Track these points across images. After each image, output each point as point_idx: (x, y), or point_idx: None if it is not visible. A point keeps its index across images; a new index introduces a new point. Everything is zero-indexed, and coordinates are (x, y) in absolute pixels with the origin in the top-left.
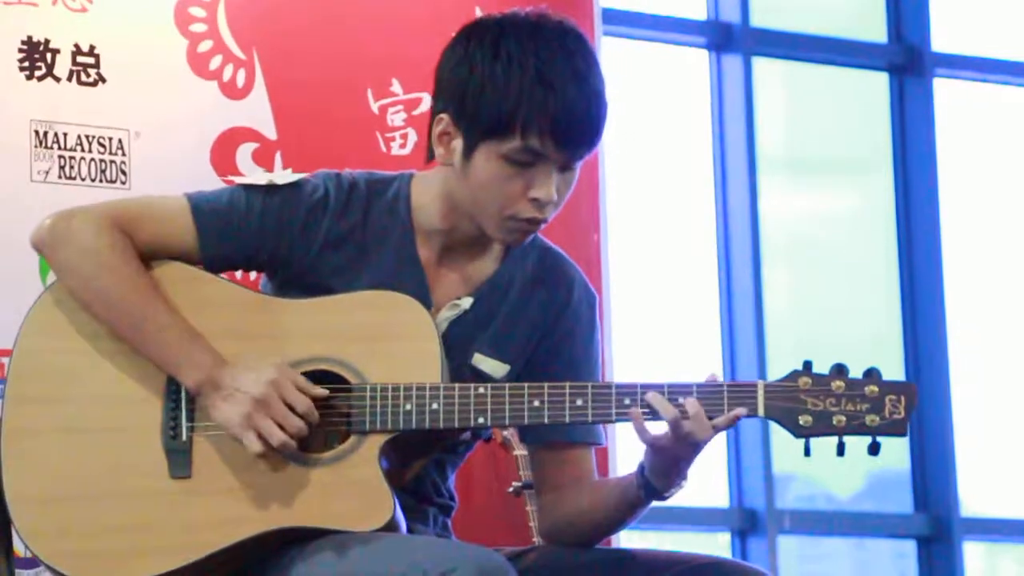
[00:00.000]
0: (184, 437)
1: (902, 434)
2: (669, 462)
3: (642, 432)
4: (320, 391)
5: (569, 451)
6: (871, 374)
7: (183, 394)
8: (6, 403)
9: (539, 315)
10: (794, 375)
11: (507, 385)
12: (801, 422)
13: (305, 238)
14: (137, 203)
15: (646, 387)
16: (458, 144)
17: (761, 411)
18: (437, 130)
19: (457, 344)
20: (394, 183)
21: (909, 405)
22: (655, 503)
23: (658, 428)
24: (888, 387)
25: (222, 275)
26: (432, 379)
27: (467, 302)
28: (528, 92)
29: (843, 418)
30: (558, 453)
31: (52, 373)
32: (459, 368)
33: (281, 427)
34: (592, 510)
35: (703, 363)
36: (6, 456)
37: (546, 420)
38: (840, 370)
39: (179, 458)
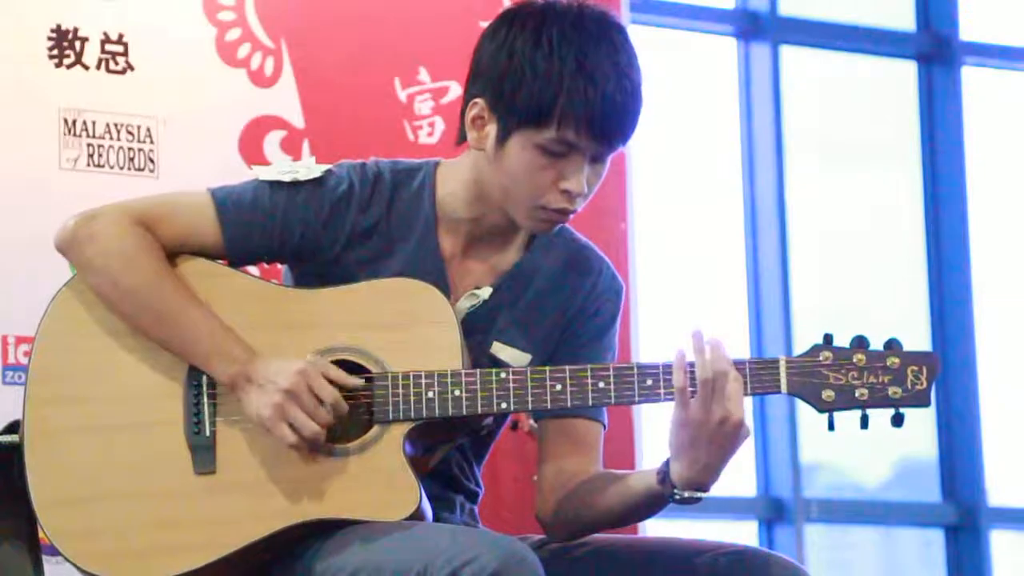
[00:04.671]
0: (208, 432)
1: (925, 404)
2: (694, 434)
3: (680, 385)
4: (355, 381)
5: (572, 422)
6: (892, 345)
7: (205, 388)
8: (28, 405)
9: (565, 305)
10: (815, 349)
11: (529, 370)
12: (824, 397)
13: (330, 233)
14: (160, 201)
15: (669, 367)
16: (492, 130)
17: (784, 387)
18: (471, 114)
19: (476, 333)
20: (420, 172)
21: (931, 375)
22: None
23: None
24: (909, 358)
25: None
26: (453, 365)
27: (486, 292)
28: (568, 83)
29: (866, 391)
30: (566, 425)
31: (72, 373)
32: (478, 357)
33: (312, 418)
34: (591, 496)
35: (730, 352)
36: (30, 460)
37: (569, 404)
38: (861, 342)
39: (203, 454)
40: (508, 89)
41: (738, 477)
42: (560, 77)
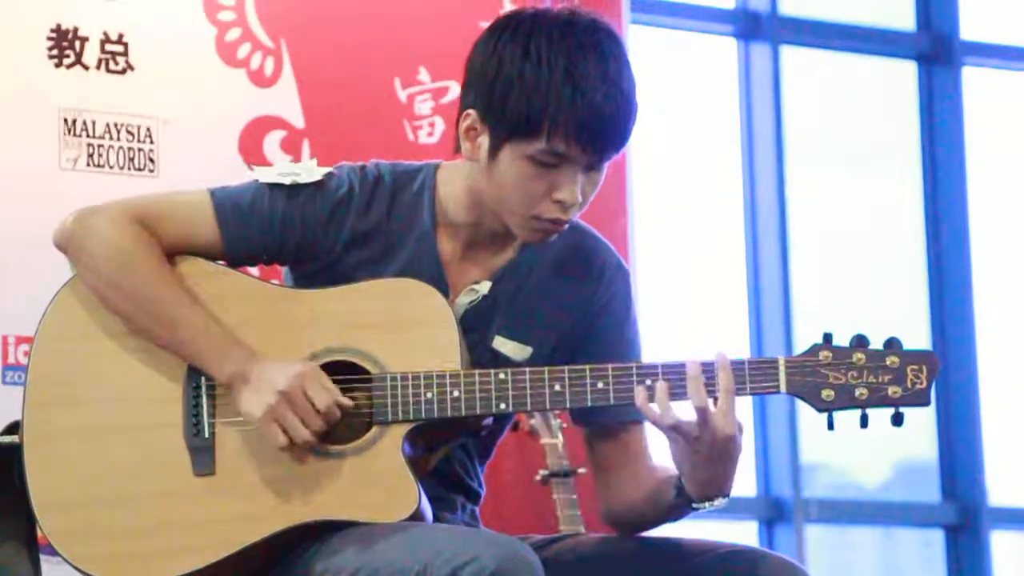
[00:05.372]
0: (207, 434)
1: (925, 404)
2: (690, 457)
3: (652, 419)
4: (346, 401)
5: (618, 430)
6: (891, 344)
7: (204, 390)
8: (27, 408)
9: (569, 296)
10: (815, 349)
11: (528, 370)
12: (823, 396)
13: (328, 236)
14: (159, 200)
15: (668, 367)
16: (484, 141)
17: (783, 387)
18: (464, 125)
19: (476, 327)
20: (420, 174)
21: (931, 374)
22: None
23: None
24: (909, 357)
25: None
26: (452, 366)
27: (485, 287)
28: (555, 94)
29: (865, 391)
30: (607, 433)
31: (71, 375)
32: (479, 351)
33: (304, 423)
34: (641, 501)
35: (730, 350)
36: (30, 461)
37: (568, 404)
38: (861, 342)
39: (202, 455)
40: (498, 100)
41: (738, 477)
42: (548, 87)
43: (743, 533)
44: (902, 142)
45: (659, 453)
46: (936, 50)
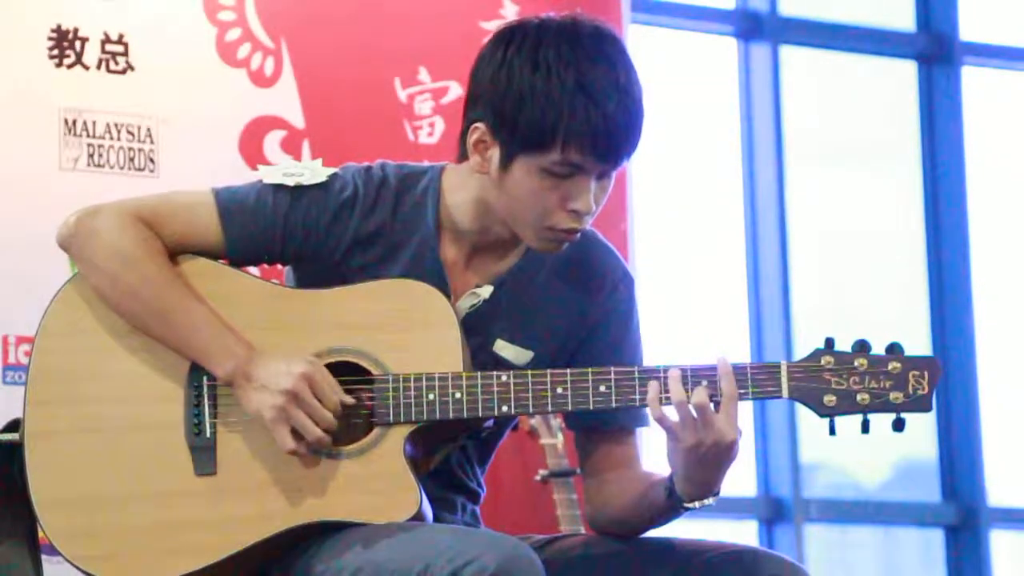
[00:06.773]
0: (208, 434)
1: (926, 410)
2: (689, 459)
3: (657, 416)
4: (348, 399)
5: (611, 435)
6: (893, 350)
7: (205, 390)
8: (28, 406)
9: (572, 302)
10: (817, 354)
11: (530, 372)
12: (825, 401)
13: (331, 239)
14: (162, 200)
15: (669, 370)
16: (495, 154)
17: (785, 392)
18: (473, 138)
19: (477, 331)
20: (425, 177)
21: (932, 380)
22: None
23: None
24: (911, 363)
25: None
26: (454, 367)
27: (486, 291)
28: (569, 105)
29: (867, 396)
30: (600, 438)
31: (72, 374)
32: (480, 355)
33: (316, 422)
34: (630, 505)
35: (731, 353)
36: (31, 460)
37: (570, 407)
38: (863, 347)
39: (204, 455)
40: (509, 114)
41: (738, 477)
42: (560, 100)
43: (743, 533)
44: (902, 142)
45: (650, 460)
46: (936, 50)
